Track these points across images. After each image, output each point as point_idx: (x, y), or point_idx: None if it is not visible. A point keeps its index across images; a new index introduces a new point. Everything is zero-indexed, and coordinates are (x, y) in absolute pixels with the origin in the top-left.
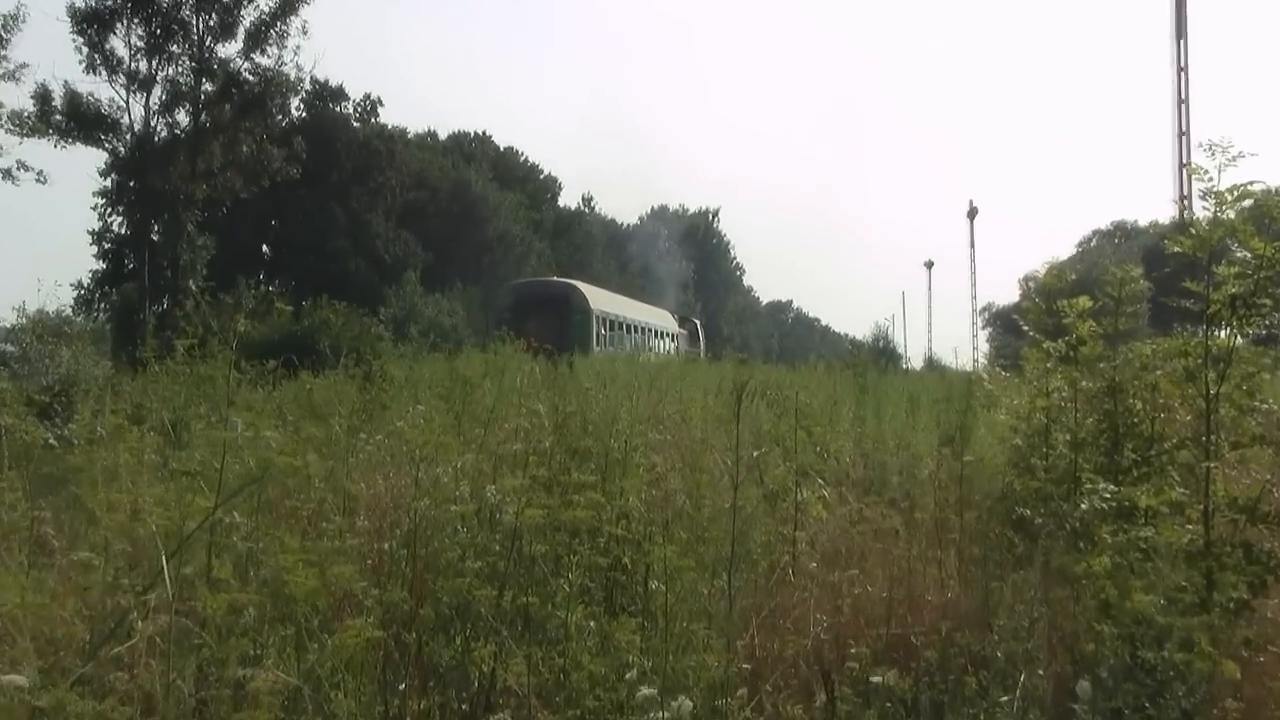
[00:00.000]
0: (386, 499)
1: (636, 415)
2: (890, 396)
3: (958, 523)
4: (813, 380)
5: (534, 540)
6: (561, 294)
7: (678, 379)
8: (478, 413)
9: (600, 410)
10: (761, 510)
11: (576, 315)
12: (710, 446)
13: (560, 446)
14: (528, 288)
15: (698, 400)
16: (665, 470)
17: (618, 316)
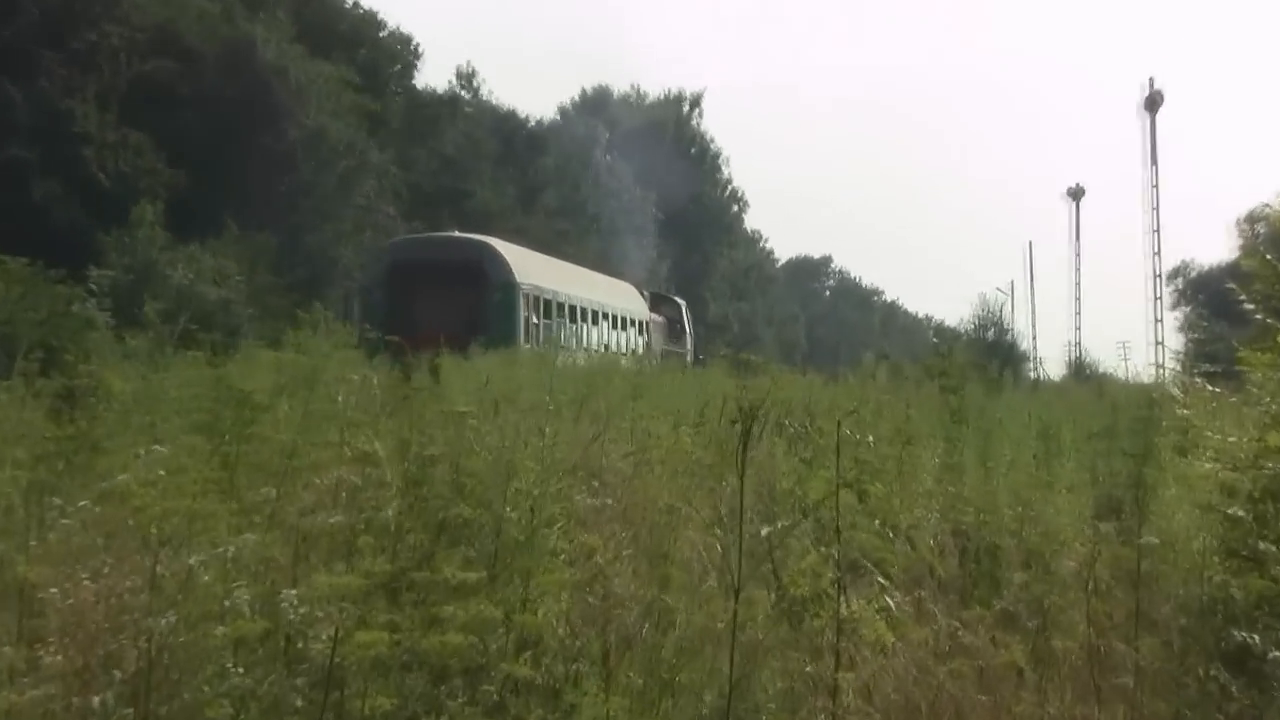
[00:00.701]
0: (99, 613)
1: (556, 462)
2: (1009, 429)
3: (1130, 657)
4: (868, 398)
5: (367, 689)
6: (470, 259)
7: (632, 396)
8: (267, 458)
9: (491, 453)
10: (778, 634)
11: (494, 292)
12: (687, 519)
13: (415, 518)
14: (415, 249)
15: (665, 434)
16: (607, 560)
17: (557, 294)
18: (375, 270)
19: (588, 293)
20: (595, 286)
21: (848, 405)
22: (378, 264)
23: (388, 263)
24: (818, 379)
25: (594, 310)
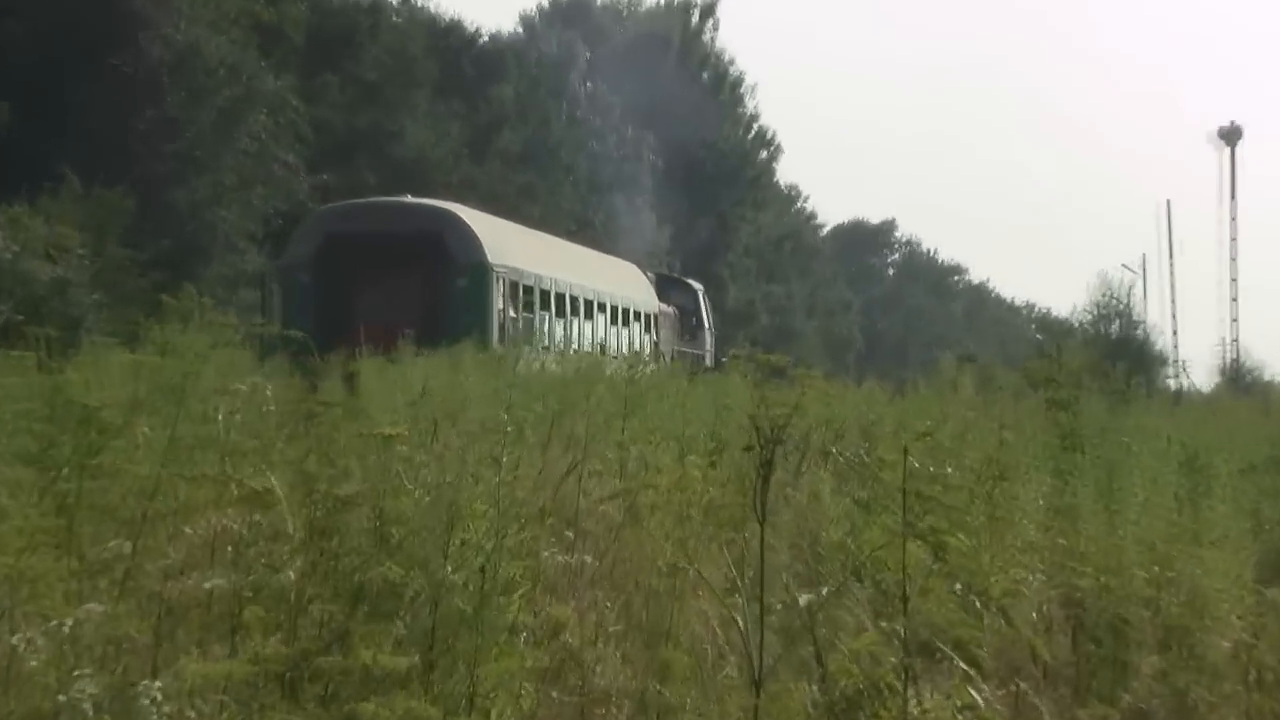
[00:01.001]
0: None
1: (516, 504)
2: (1140, 459)
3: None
4: (947, 416)
5: None
6: (427, 232)
7: (622, 413)
8: (119, 499)
9: (428, 492)
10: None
11: (459, 276)
12: (695, 583)
13: (323, 581)
14: (355, 219)
15: (666, 465)
16: (584, 640)
17: (541, 279)
18: (302, 247)
19: (580, 277)
20: (589, 269)
21: (919, 426)
22: (305, 238)
23: (319, 237)
24: (878, 389)
25: (588, 300)
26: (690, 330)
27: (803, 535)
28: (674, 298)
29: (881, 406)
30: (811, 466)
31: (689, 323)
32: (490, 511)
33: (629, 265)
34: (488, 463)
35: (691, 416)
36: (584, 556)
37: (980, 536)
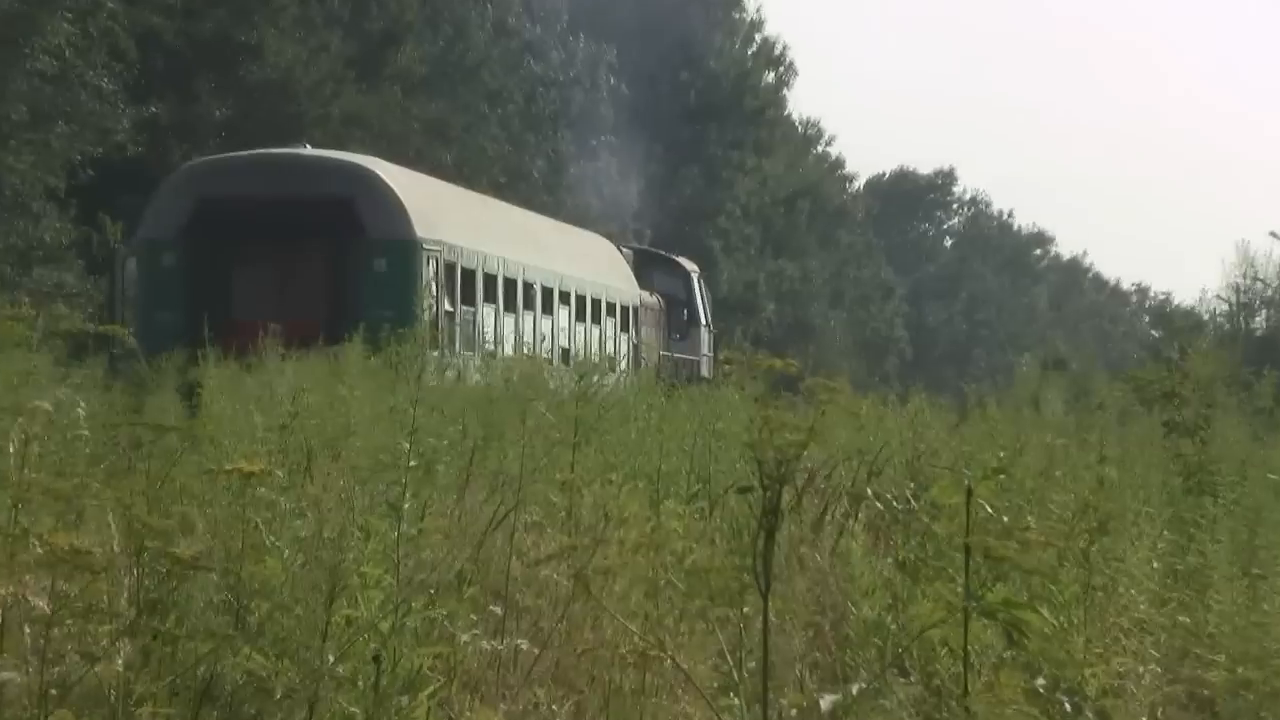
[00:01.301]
0: None
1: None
2: None
3: None
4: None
5: None
6: (334, 197)
7: (572, 441)
8: None
9: (300, 552)
10: None
11: (375, 255)
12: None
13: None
14: (237, 179)
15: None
16: None
17: (485, 259)
18: (165, 216)
19: (537, 257)
20: (549, 246)
21: (987, 459)
22: (170, 205)
23: (189, 202)
24: (928, 407)
25: (547, 288)
26: (680, 327)
27: (824, 611)
28: (658, 283)
29: (935, 432)
30: (837, 515)
31: (678, 316)
32: (387, 579)
33: (600, 240)
34: (383, 511)
35: (669, 446)
36: (518, 641)
37: (1071, 612)
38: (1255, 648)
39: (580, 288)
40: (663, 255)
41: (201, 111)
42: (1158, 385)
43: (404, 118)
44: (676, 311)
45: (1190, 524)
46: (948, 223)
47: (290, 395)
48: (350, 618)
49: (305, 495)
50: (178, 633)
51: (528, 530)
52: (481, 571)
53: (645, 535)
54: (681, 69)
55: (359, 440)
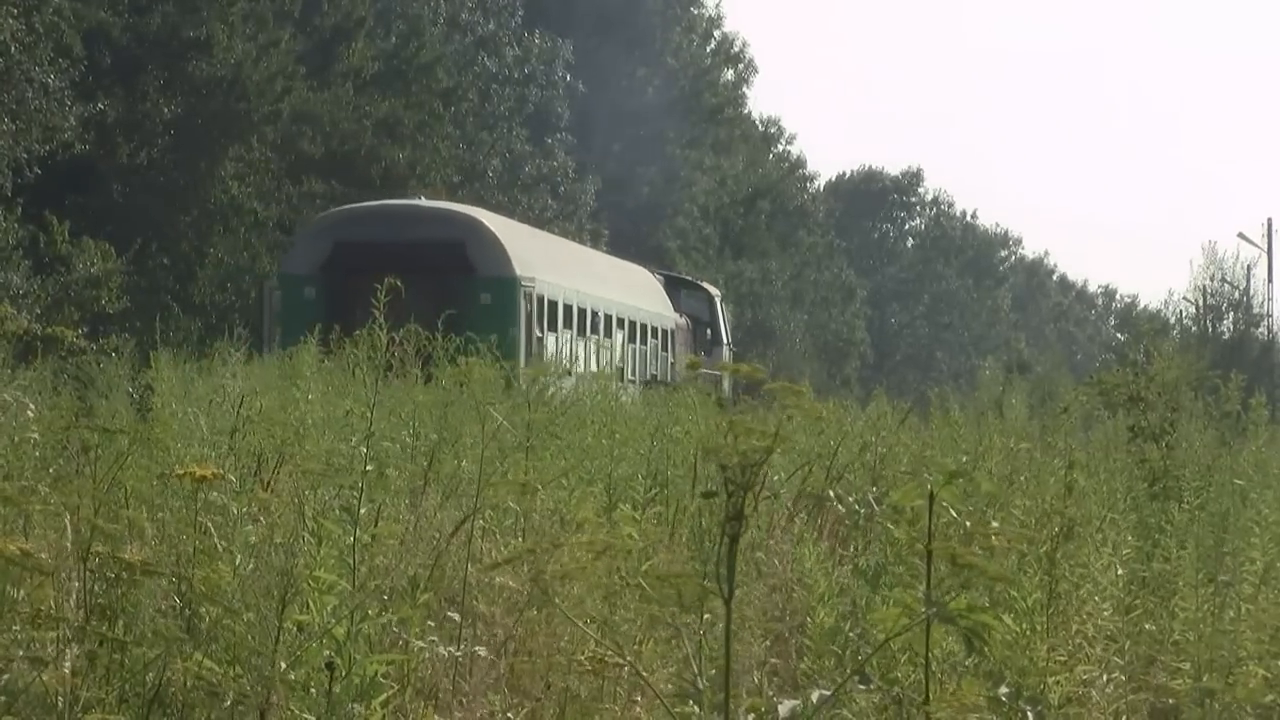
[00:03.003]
0: None
1: (379, 574)
2: (1260, 510)
3: None
4: (989, 449)
5: None
6: (448, 241)
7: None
8: None
9: (253, 557)
10: None
11: (482, 290)
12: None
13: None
14: (367, 225)
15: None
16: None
17: (566, 293)
18: (305, 255)
19: (601, 289)
20: (608, 279)
21: (949, 463)
22: (310, 246)
23: (327, 246)
24: (890, 410)
25: (608, 315)
26: (705, 345)
27: (783, 617)
28: (684, 305)
29: (896, 435)
30: (795, 520)
31: (702, 336)
32: (341, 585)
33: (641, 270)
34: (336, 516)
35: (624, 450)
36: (476, 649)
37: (1034, 619)
38: (1221, 656)
39: (631, 314)
40: (688, 280)
41: (149, 109)
42: (1123, 389)
43: (355, 115)
44: (700, 332)
45: (1156, 530)
46: (910, 223)
47: (241, 399)
48: (303, 623)
49: (256, 500)
50: (126, 638)
51: (483, 536)
52: (437, 578)
53: (602, 541)
54: (639, 66)
55: (312, 444)
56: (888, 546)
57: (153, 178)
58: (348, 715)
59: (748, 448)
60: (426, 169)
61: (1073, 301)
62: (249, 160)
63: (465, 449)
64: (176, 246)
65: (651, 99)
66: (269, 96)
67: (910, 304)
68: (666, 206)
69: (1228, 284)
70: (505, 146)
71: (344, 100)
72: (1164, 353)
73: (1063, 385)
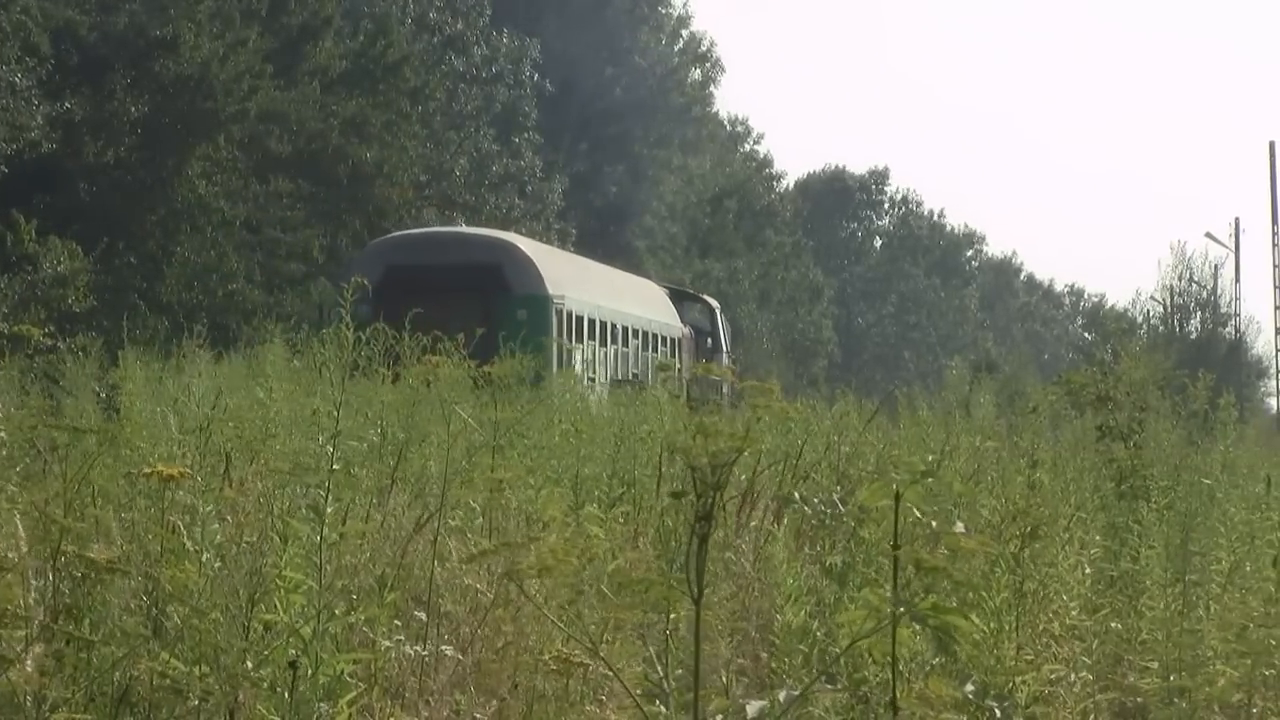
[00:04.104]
0: None
1: (345, 572)
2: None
3: None
4: (956, 448)
5: None
6: (486, 264)
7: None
8: None
9: (219, 555)
10: None
11: (518, 307)
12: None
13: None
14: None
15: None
16: None
17: (589, 309)
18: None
19: (619, 303)
20: (624, 294)
21: (916, 462)
22: (363, 268)
23: (379, 269)
24: (857, 410)
25: (624, 327)
26: (706, 354)
27: (749, 617)
28: (686, 316)
29: (864, 435)
30: (762, 519)
31: (704, 345)
32: (308, 584)
33: (652, 285)
34: (303, 514)
35: (590, 450)
36: (442, 647)
37: (1002, 618)
38: (1188, 655)
39: (645, 326)
40: (690, 293)
41: (116, 108)
42: (1090, 389)
43: (322, 114)
44: (701, 341)
45: (1123, 529)
46: (878, 222)
47: (209, 398)
48: (270, 623)
49: (223, 499)
50: (93, 638)
51: (449, 535)
52: (404, 577)
53: (569, 540)
54: (606, 65)
55: (279, 443)
56: (854, 546)
57: (120, 177)
58: (314, 714)
59: (717, 448)
60: (394, 168)
61: (1040, 301)
62: (216, 159)
63: (433, 448)
64: (143, 245)
65: (619, 98)
66: (236, 95)
67: (877, 303)
68: (634, 206)
69: (1195, 284)
70: (473, 146)
71: (311, 99)
72: (1131, 352)
73: (1030, 385)
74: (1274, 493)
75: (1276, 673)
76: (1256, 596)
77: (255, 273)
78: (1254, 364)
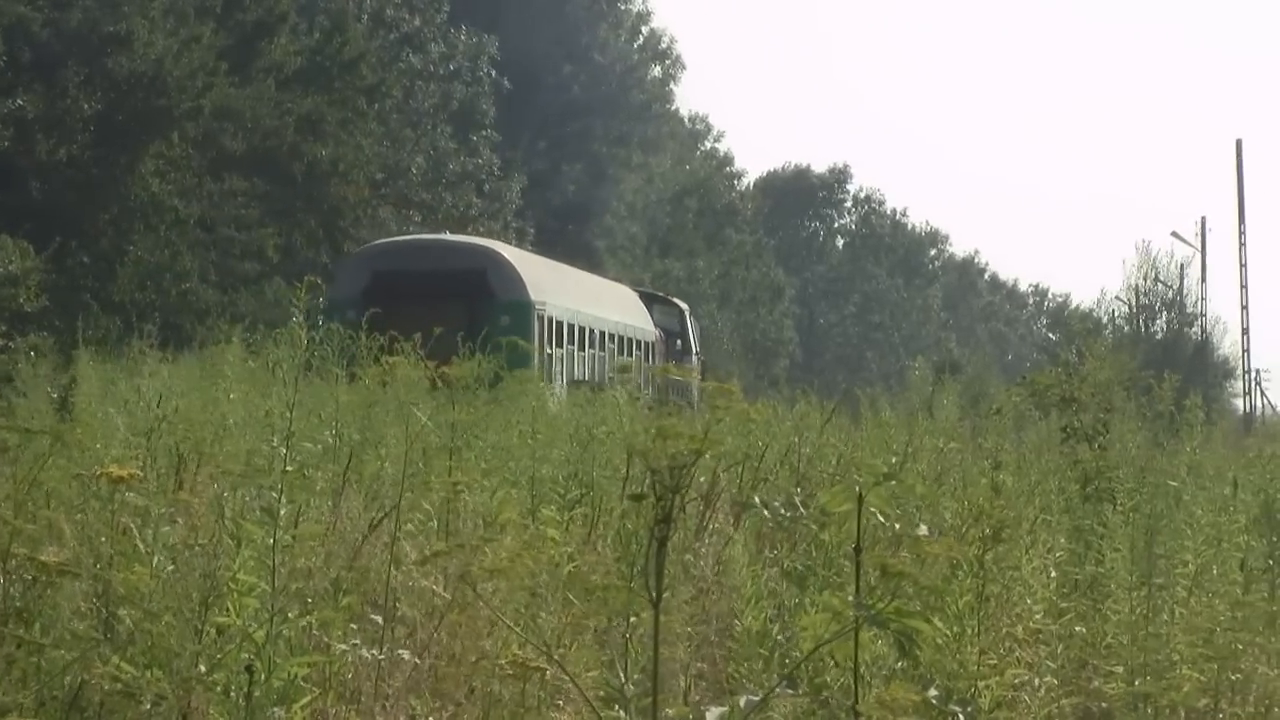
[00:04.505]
0: None
1: (299, 575)
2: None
3: None
4: (918, 450)
5: None
6: (469, 270)
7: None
8: None
9: (172, 558)
10: None
11: (501, 313)
12: (557, 690)
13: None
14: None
15: (513, 521)
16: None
17: (569, 314)
18: (347, 283)
19: (597, 309)
20: (602, 300)
21: (877, 464)
22: (351, 277)
23: (366, 275)
24: (818, 411)
25: (601, 332)
26: (676, 356)
27: (709, 620)
28: (657, 318)
29: (823, 435)
30: (721, 521)
31: (673, 348)
32: (261, 587)
33: (626, 290)
34: (257, 517)
35: (546, 451)
36: (398, 651)
37: (965, 622)
38: (1153, 659)
39: (621, 331)
40: (660, 295)
41: (69, 105)
42: (1055, 390)
43: (277, 112)
44: (671, 344)
45: (1088, 532)
46: (839, 221)
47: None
48: (223, 626)
49: (176, 501)
50: (44, 641)
51: (407, 536)
52: (359, 579)
53: (527, 543)
54: (565, 62)
55: (232, 444)
56: (814, 549)
57: (72, 175)
58: (268, 719)
59: (676, 450)
60: (349, 166)
61: (1003, 301)
62: (169, 157)
63: (389, 450)
64: (96, 244)
65: (578, 96)
66: (190, 92)
67: (840, 303)
68: (593, 205)
69: (1161, 283)
70: (429, 144)
71: (266, 96)
72: (1097, 353)
73: (994, 386)
74: (1240, 495)
75: (1243, 677)
76: (1223, 600)
77: (209, 272)
78: (1220, 364)
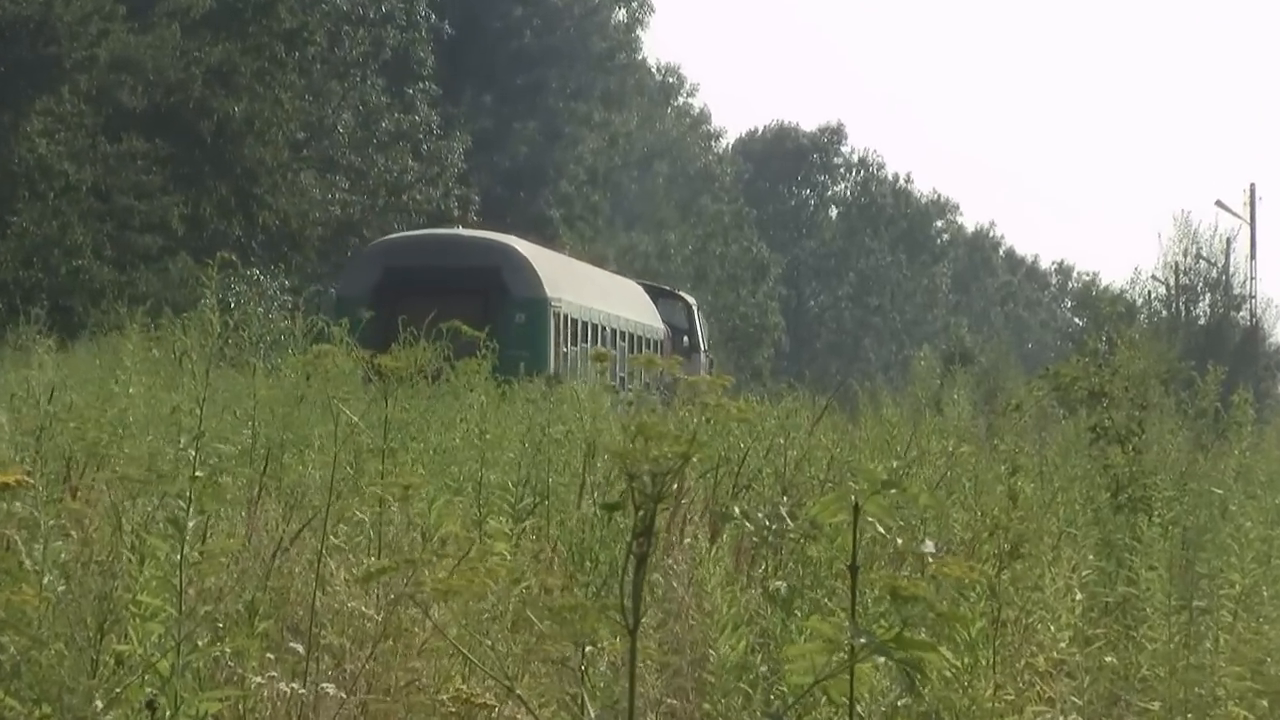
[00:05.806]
0: None
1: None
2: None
3: None
4: (923, 452)
5: None
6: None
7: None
8: None
9: (62, 577)
10: None
11: (516, 310)
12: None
13: None
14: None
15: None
16: None
17: (584, 311)
18: (358, 278)
19: (610, 306)
20: (613, 296)
21: (876, 469)
22: (361, 270)
23: (378, 271)
24: (808, 407)
25: (613, 330)
26: (683, 353)
27: (681, 649)
28: (663, 313)
29: (813, 434)
30: (696, 534)
31: (680, 344)
32: (166, 610)
33: (635, 286)
34: (161, 530)
35: (494, 454)
36: (323, 685)
37: (978, 652)
38: (1195, 694)
39: (632, 329)
40: (667, 290)
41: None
42: (1082, 383)
43: (183, 62)
44: (678, 339)
45: (1120, 547)
46: (833, 189)
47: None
48: (122, 655)
49: (67, 511)
50: None
51: (330, 554)
52: (278, 602)
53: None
54: (515, 5)
55: (132, 445)
56: (802, 566)
57: None
58: None
59: (660, 454)
60: (266, 124)
61: (1022, 280)
62: (59, 114)
63: (315, 452)
64: None
65: (530, 43)
66: (83, 40)
67: (833, 283)
68: (548, 169)
69: (1204, 260)
70: (358, 98)
71: (170, 44)
72: (1130, 340)
73: (1012, 378)
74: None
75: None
76: (1274, 626)
77: (105, 246)
78: (1272, 354)
